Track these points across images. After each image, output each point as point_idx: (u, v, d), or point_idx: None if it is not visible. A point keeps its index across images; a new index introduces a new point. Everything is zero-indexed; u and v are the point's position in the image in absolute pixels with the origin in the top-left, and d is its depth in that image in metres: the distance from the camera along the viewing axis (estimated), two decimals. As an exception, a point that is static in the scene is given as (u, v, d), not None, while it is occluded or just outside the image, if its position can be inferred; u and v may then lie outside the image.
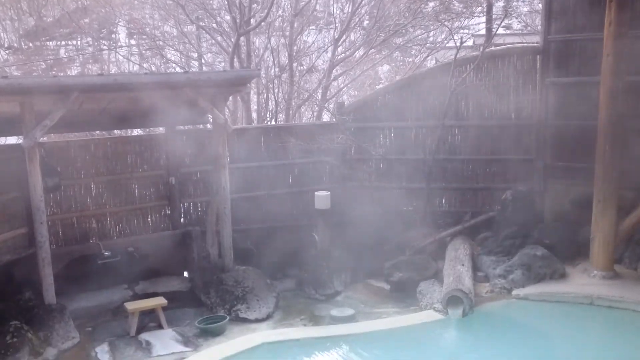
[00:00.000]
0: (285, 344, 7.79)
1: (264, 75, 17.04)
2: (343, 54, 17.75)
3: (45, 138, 9.47)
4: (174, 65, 19.11)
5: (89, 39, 22.32)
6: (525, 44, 12.14)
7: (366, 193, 11.99)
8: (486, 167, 11.55)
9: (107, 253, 9.44)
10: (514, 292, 9.01)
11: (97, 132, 10.81)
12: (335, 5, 19.11)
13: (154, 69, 19.83)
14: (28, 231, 8.96)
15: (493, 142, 11.41)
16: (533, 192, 10.84)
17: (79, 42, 22.97)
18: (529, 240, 9.96)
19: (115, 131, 11.39)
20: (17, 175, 8.80)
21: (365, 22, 18.13)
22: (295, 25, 16.40)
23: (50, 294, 8.02)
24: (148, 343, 8.00)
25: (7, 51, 21.64)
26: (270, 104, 17.35)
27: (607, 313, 8.26)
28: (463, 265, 9.28)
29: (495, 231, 10.47)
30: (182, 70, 13.59)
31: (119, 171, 10.14)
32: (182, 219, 10.80)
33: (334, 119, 12.26)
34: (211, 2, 17.39)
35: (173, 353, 7.67)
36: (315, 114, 18.22)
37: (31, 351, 7.18)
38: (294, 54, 16.62)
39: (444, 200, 11.91)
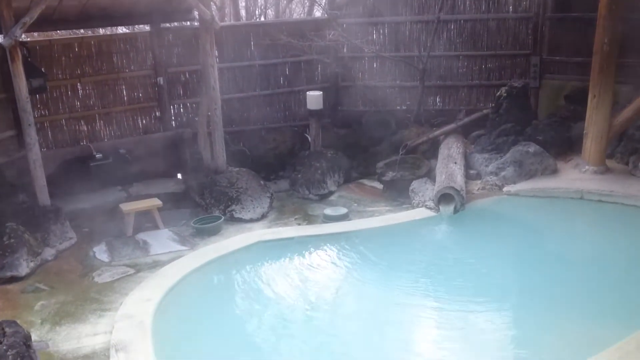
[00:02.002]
0: (280, 243, 7.91)
1: (251, -31, 16.31)
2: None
3: (28, 38, 9.17)
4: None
5: None
6: None
7: (359, 92, 11.83)
8: (482, 63, 11.36)
9: (98, 155, 9.39)
10: (505, 189, 9.09)
11: (81, 30, 10.41)
12: None
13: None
14: (17, 133, 8.85)
15: (489, 37, 11.17)
16: (528, 88, 10.71)
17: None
18: (522, 137, 9.93)
19: (100, 30, 10.99)
20: (1, 76, 8.57)
21: None
22: None
23: (44, 196, 8.03)
24: (145, 242, 8.11)
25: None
26: (259, -1, 16.73)
27: (597, 207, 8.38)
28: (455, 163, 9.30)
29: (489, 129, 10.42)
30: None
31: (105, 71, 9.90)
32: (173, 121, 10.69)
33: (326, 15, 11.86)
34: None
35: (170, 252, 7.79)
36: (306, 9, 17.62)
37: (29, 251, 7.26)
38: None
39: (438, 99, 11.80)
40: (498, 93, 10.48)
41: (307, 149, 10.47)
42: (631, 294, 6.24)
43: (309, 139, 10.47)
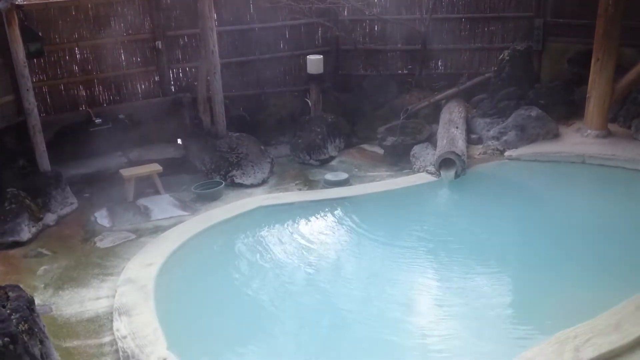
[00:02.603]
0: (281, 208, 7.92)
1: None
2: None
3: (24, 1, 9.03)
4: None
5: None
6: None
7: (360, 56, 11.69)
8: (484, 26, 11.19)
9: (98, 120, 9.34)
10: (507, 153, 9.07)
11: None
12: None
13: None
14: (15, 98, 8.77)
15: (492, -1, 10.97)
16: (531, 51, 10.56)
17: None
18: (525, 101, 9.85)
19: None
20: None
21: None
22: None
23: (44, 161, 8.01)
24: (146, 208, 8.12)
25: None
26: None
27: (598, 171, 8.38)
28: (457, 127, 9.24)
29: (491, 93, 10.32)
30: None
31: (103, 35, 9.74)
32: (172, 86, 10.58)
33: (326, -24, 11.63)
34: None
35: (171, 217, 7.81)
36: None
37: (31, 217, 7.29)
38: None
39: (439, 62, 11.66)
40: (500, 56, 10.35)
41: (308, 114, 10.39)
42: (631, 258, 6.26)
43: (310, 103, 10.38)
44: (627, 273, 5.95)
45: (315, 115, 10.17)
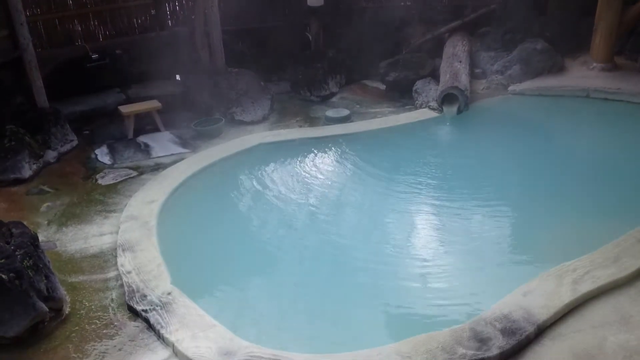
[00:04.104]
0: (282, 145, 7.89)
1: None
2: None
3: None
4: None
5: None
6: None
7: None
8: (491, -48, 10.79)
9: (95, 56, 9.18)
10: (510, 88, 8.95)
11: None
12: None
13: None
14: (10, 34, 8.57)
15: None
16: (539, -20, 10.24)
17: None
18: (530, 34, 9.63)
19: None
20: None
21: None
22: None
23: (42, 98, 7.92)
24: (147, 145, 8.09)
25: None
26: None
27: (602, 105, 8.29)
28: (460, 62, 9.07)
29: (496, 26, 10.09)
30: None
31: (96, -34, 9.48)
32: (169, 20, 10.34)
33: None
34: None
35: (172, 154, 7.78)
36: None
37: (31, 154, 7.26)
38: None
39: (443, -6, 11.33)
40: (507, -13, 10.07)
41: (308, 49, 10.20)
42: (632, 191, 6.26)
43: (310, 38, 10.16)
44: (628, 206, 5.96)
45: (315, 50, 9.99)
